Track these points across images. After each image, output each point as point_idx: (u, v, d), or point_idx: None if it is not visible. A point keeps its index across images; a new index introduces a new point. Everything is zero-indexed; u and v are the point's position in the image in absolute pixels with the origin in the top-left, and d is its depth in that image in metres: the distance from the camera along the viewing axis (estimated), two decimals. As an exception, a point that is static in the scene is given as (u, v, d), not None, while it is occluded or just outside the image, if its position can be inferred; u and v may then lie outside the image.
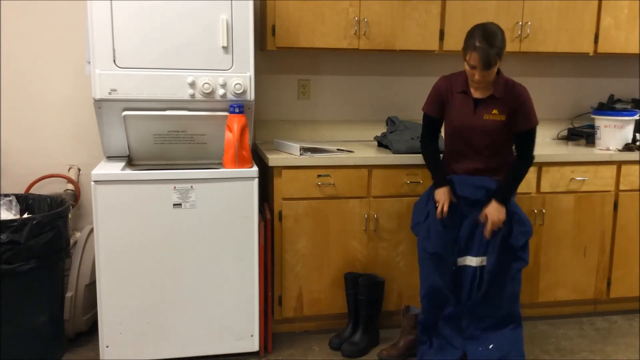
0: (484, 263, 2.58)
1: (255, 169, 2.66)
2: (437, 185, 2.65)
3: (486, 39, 2.37)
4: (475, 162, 2.61)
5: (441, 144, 2.82)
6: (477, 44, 2.38)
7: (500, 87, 2.53)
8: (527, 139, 2.58)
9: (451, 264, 2.61)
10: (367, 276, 2.93)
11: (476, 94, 2.56)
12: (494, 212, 2.53)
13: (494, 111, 2.54)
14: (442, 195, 2.60)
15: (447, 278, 2.61)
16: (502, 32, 2.44)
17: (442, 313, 2.66)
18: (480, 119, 2.55)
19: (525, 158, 2.60)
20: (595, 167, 3.17)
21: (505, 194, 2.55)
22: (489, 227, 2.53)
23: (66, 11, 3.08)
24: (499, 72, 2.56)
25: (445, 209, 2.57)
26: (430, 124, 2.70)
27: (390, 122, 3.23)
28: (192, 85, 2.62)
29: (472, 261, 2.60)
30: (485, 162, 2.60)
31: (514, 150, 2.63)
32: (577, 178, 3.16)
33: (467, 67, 2.47)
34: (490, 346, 2.60)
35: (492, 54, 2.38)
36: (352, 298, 2.93)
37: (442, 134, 2.77)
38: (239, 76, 2.66)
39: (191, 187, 2.59)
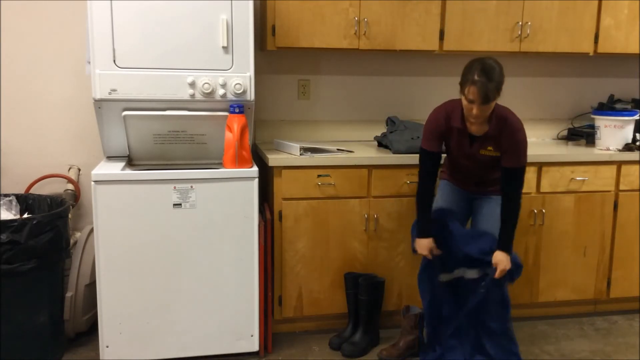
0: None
1: (255, 169, 2.66)
2: (420, 233, 2.65)
3: (485, 73, 2.33)
4: (474, 178, 2.68)
5: None
6: (476, 77, 2.33)
7: (494, 125, 2.49)
8: (514, 177, 2.54)
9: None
10: (367, 276, 2.93)
11: (472, 129, 2.54)
12: (503, 261, 2.54)
13: (489, 148, 2.54)
14: (424, 249, 2.63)
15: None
16: (501, 67, 2.39)
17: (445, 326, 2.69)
18: (477, 153, 2.57)
19: (513, 201, 2.56)
20: (595, 167, 3.17)
21: (507, 243, 2.57)
22: (498, 274, 2.54)
23: (66, 11, 3.08)
24: (494, 106, 2.48)
25: (429, 256, 2.63)
26: (431, 159, 2.61)
27: (390, 122, 3.23)
28: (192, 85, 2.62)
29: (472, 273, 2.63)
30: (484, 178, 2.67)
31: (503, 187, 2.59)
32: (577, 178, 3.16)
33: (464, 102, 2.42)
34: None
35: (490, 88, 2.33)
36: (352, 298, 2.93)
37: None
38: (239, 76, 2.66)
39: (191, 187, 2.59)
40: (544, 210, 3.14)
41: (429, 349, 2.74)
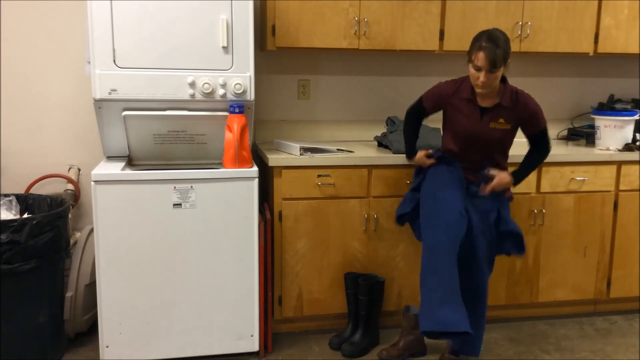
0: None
1: (255, 169, 2.66)
2: (409, 154, 2.83)
3: (493, 40, 2.41)
4: (479, 158, 2.65)
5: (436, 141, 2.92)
6: (484, 43, 2.41)
7: (507, 96, 2.56)
8: (542, 138, 2.66)
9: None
10: (367, 276, 2.93)
11: (483, 102, 2.57)
12: (503, 178, 2.59)
13: (500, 120, 2.57)
14: (420, 161, 2.75)
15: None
16: (508, 39, 2.46)
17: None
18: (487, 127, 2.58)
19: (543, 150, 2.69)
20: (595, 167, 3.17)
21: (519, 176, 2.66)
22: (490, 186, 2.56)
23: (66, 11, 3.08)
24: (505, 81, 2.57)
25: (427, 163, 2.71)
26: (421, 112, 2.77)
27: (390, 122, 3.23)
28: (192, 85, 2.62)
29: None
30: (489, 158, 2.66)
31: (529, 145, 2.70)
32: (577, 178, 3.16)
33: (471, 71, 2.48)
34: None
35: (498, 54, 2.39)
36: (352, 298, 2.93)
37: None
38: (239, 76, 2.66)
39: (191, 187, 2.59)
40: (544, 210, 3.14)
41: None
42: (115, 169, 2.59)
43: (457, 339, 2.60)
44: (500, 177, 2.59)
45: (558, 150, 3.29)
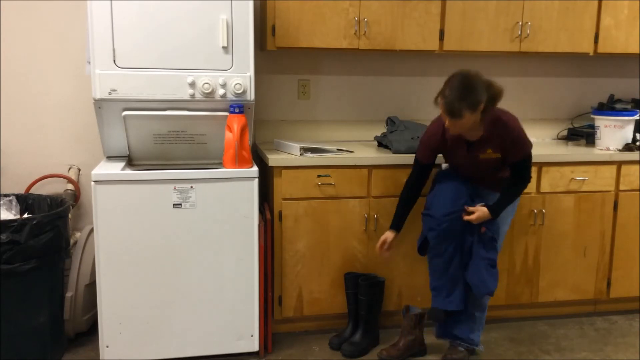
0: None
1: (255, 169, 2.66)
2: (391, 227, 2.79)
3: (458, 89, 2.32)
4: (483, 178, 2.69)
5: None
6: (447, 92, 2.34)
7: (487, 127, 2.50)
8: (523, 167, 2.61)
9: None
10: (367, 276, 2.93)
11: (469, 136, 2.55)
12: (481, 215, 2.59)
13: (488, 150, 2.55)
14: (387, 236, 2.78)
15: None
16: (479, 85, 2.35)
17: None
18: (476, 158, 2.58)
19: (521, 180, 2.63)
20: (595, 167, 3.17)
21: (497, 209, 2.62)
22: (470, 217, 2.59)
23: (66, 11, 3.08)
24: (488, 110, 2.43)
25: (384, 248, 2.78)
26: (419, 169, 2.72)
27: (390, 122, 3.23)
28: (192, 85, 2.62)
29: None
30: (486, 181, 2.68)
31: (511, 177, 2.65)
32: (577, 178, 3.16)
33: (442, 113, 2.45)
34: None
35: (456, 107, 2.32)
36: (352, 298, 2.92)
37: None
38: (239, 76, 2.66)
39: (191, 187, 2.59)
40: (544, 210, 3.14)
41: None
42: (115, 169, 2.59)
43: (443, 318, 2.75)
44: (480, 211, 2.58)
45: (558, 150, 3.29)
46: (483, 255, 2.63)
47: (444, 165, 2.85)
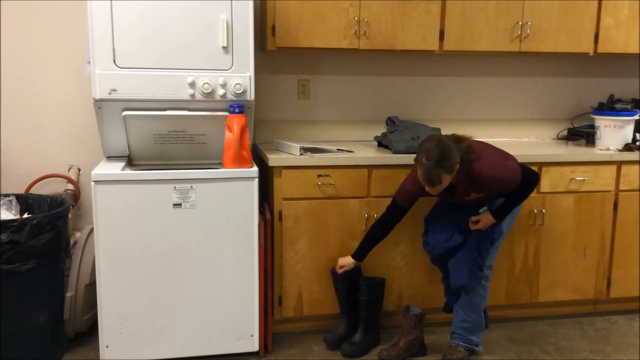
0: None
1: (255, 169, 2.66)
2: (353, 255, 2.81)
3: (433, 157, 2.36)
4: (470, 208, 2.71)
5: None
6: (424, 160, 2.38)
7: (463, 180, 2.50)
8: (514, 196, 2.62)
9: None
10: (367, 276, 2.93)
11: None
12: (486, 221, 2.63)
13: (472, 194, 2.57)
14: (347, 261, 2.81)
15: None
16: (454, 144, 2.41)
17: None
18: (462, 199, 2.61)
19: (528, 186, 2.61)
20: (595, 167, 3.17)
21: (501, 213, 2.64)
22: (477, 226, 2.63)
23: (66, 11, 3.08)
24: (461, 165, 2.45)
25: (342, 271, 2.82)
26: (396, 211, 2.70)
27: (390, 122, 3.23)
28: (192, 85, 2.62)
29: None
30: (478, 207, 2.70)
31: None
32: (577, 178, 3.16)
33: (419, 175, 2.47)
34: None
35: (434, 173, 2.37)
36: (343, 294, 2.91)
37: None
38: (239, 76, 2.66)
39: (191, 187, 2.59)
40: (544, 210, 3.14)
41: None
42: (115, 169, 2.59)
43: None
44: (485, 218, 2.62)
45: (558, 150, 3.29)
46: (473, 254, 2.65)
47: None
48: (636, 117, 3.30)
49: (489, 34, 3.21)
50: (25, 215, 2.77)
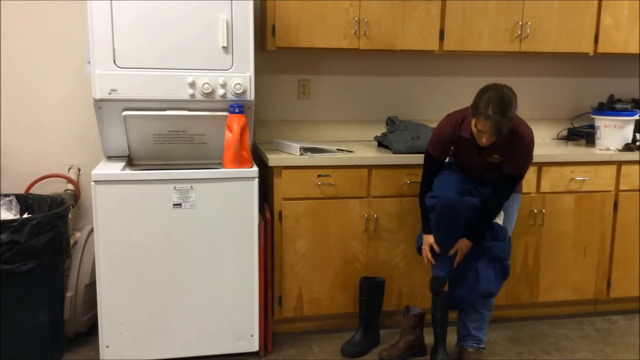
0: None
1: (255, 169, 2.66)
2: (425, 231, 2.70)
3: (500, 109, 2.29)
4: (479, 176, 2.67)
5: None
6: (490, 112, 2.29)
7: (506, 135, 2.46)
8: (511, 182, 2.59)
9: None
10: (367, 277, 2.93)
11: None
12: (464, 248, 2.62)
13: (495, 156, 2.53)
14: (426, 244, 2.68)
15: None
16: (515, 97, 2.36)
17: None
18: (483, 160, 2.57)
19: (498, 200, 2.60)
20: (595, 167, 3.17)
21: (475, 235, 2.61)
22: (457, 260, 2.63)
23: (66, 11, 3.08)
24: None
25: (430, 255, 2.67)
26: (437, 164, 2.65)
27: (390, 122, 3.23)
28: (192, 85, 2.62)
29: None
30: (488, 178, 2.65)
31: (496, 185, 2.62)
32: (577, 178, 3.16)
33: (474, 129, 2.40)
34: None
35: (504, 124, 2.30)
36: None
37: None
38: (239, 76, 2.66)
39: (191, 187, 2.59)
40: (544, 210, 3.14)
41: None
42: (115, 169, 2.59)
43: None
44: (462, 245, 2.61)
45: (558, 150, 3.29)
46: (499, 256, 2.63)
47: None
48: (636, 117, 3.30)
49: (489, 34, 3.21)
50: (25, 215, 2.77)
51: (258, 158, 3.10)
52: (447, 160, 2.70)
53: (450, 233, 2.61)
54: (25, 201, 2.89)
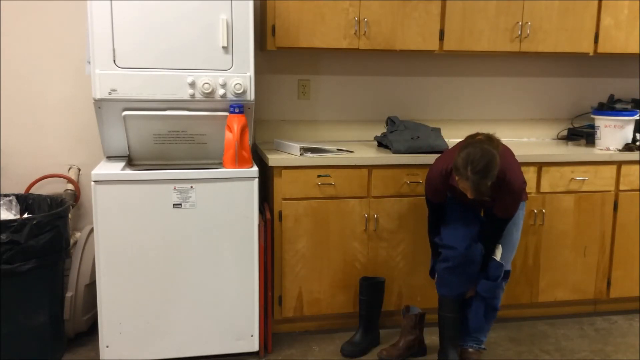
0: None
1: (255, 169, 2.66)
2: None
3: (480, 169, 2.30)
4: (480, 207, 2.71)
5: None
6: (469, 174, 2.31)
7: (493, 186, 2.45)
8: (499, 226, 2.62)
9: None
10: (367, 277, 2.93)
11: None
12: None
13: (485, 198, 2.50)
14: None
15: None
16: (497, 152, 2.36)
17: None
18: (474, 201, 2.56)
19: (493, 238, 2.65)
20: (595, 167, 3.17)
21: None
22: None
23: (66, 11, 3.08)
24: None
25: None
26: (436, 207, 2.70)
27: (390, 122, 3.23)
28: (192, 85, 2.62)
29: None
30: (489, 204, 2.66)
31: (485, 227, 2.65)
32: (577, 178, 3.16)
33: (458, 183, 2.42)
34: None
35: (483, 184, 2.32)
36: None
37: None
38: (239, 76, 2.66)
39: (191, 187, 2.59)
40: (544, 210, 3.14)
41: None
42: (115, 169, 2.59)
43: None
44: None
45: (558, 150, 3.29)
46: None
47: None
48: (636, 117, 3.30)
49: (489, 34, 3.21)
50: (25, 215, 2.77)
51: (258, 158, 3.10)
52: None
53: (465, 281, 2.67)
54: (25, 201, 2.89)
